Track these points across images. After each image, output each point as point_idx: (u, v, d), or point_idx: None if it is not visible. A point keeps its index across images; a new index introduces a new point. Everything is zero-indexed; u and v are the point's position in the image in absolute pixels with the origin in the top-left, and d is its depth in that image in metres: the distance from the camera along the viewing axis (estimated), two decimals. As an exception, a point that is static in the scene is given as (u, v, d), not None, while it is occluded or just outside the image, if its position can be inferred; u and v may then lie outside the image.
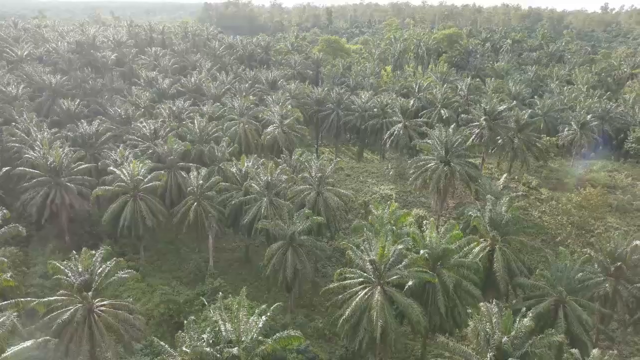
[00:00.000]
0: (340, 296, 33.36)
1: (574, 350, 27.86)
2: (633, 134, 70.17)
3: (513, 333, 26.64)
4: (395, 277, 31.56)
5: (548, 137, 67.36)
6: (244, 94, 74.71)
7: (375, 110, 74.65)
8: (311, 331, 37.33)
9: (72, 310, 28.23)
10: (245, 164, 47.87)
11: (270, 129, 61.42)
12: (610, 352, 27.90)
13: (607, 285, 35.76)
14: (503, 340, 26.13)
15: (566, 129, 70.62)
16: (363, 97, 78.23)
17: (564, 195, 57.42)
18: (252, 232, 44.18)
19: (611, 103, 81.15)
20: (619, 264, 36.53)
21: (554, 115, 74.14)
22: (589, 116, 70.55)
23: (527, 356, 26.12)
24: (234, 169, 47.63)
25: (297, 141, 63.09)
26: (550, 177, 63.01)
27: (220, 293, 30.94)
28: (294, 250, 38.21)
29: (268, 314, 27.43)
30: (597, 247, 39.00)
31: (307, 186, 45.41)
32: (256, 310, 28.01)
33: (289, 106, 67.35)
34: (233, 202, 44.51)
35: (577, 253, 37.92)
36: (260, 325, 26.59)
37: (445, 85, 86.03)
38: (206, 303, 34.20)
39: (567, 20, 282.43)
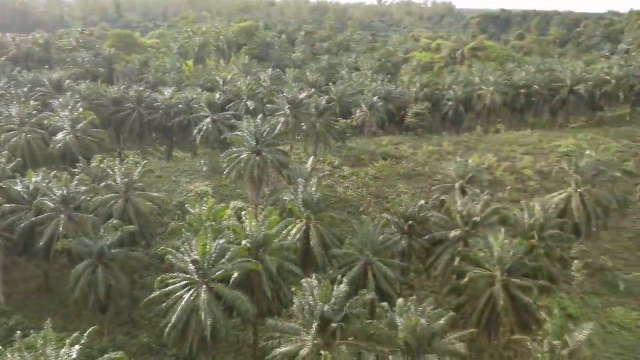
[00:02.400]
0: (163, 304, 32.04)
1: (383, 304, 31.76)
2: (411, 110, 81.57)
3: (332, 300, 29.02)
4: (219, 272, 31.55)
5: (344, 120, 74.14)
6: (22, 99, 65.09)
7: (180, 106, 72.33)
8: (135, 348, 35.13)
9: None
10: (33, 179, 42.04)
11: (60, 136, 54.92)
12: (411, 298, 32.54)
13: (403, 242, 41.33)
14: (325, 309, 28.32)
15: (358, 111, 78.66)
16: (166, 93, 75.03)
17: (362, 170, 64.19)
18: (50, 256, 39.18)
19: (392, 85, 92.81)
20: (410, 222, 42.46)
21: (346, 99, 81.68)
22: (375, 98, 79.54)
23: (347, 318, 28.81)
24: (19, 187, 41.44)
25: (94, 147, 57.66)
26: (349, 155, 69.71)
27: (19, 332, 26.89)
28: (104, 266, 35.21)
29: (82, 341, 24.90)
30: (392, 211, 44.63)
31: (113, 194, 42.05)
32: (67, 341, 25.14)
33: (81, 109, 60.98)
34: (22, 224, 38.83)
35: (377, 219, 42.77)
36: (74, 356, 23.98)
37: (248, 77, 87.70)
38: (0, 348, 29.35)
39: (350, 12, 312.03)
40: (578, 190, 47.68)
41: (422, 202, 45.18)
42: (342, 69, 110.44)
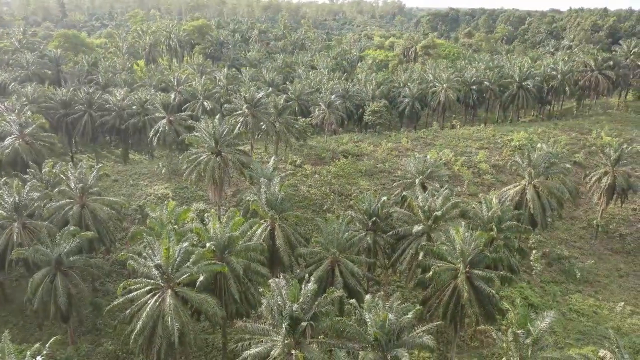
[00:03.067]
0: (128, 311, 31.04)
1: (352, 301, 31.96)
2: (369, 108, 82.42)
3: (301, 299, 28.97)
4: (185, 276, 30.85)
5: (303, 119, 74.13)
6: (-38, 103, 61.33)
7: (134, 107, 70.19)
8: (101, 357, 33.93)
9: None
10: (-19, 187, 39.72)
11: (8, 141, 52.15)
12: (379, 294, 32.93)
13: (368, 238, 41.76)
14: (294, 309, 28.23)
15: (317, 110, 78.80)
16: (118, 95, 72.61)
17: (324, 168, 64.47)
18: (5, 266, 37.21)
19: (349, 83, 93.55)
20: (374, 219, 42.94)
21: (305, 98, 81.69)
22: (332, 96, 79.91)
23: (316, 316, 28.85)
24: (-35, 196, 39.03)
25: (45, 152, 55.10)
26: (311, 154, 69.71)
27: (-26, 347, 25.37)
28: (63, 274, 33.73)
29: (44, 352, 23.80)
30: (356, 208, 45.02)
31: (68, 200, 40.31)
32: (28, 353, 23.96)
33: (29, 112, 58.08)
34: (-28, 235, 36.65)
35: (341, 216, 43.08)
36: (36, 367, 22.96)
37: (203, 77, 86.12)
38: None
39: (303, 11, 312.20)
40: (532, 182, 49.52)
41: (385, 198, 45.62)
42: (299, 68, 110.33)
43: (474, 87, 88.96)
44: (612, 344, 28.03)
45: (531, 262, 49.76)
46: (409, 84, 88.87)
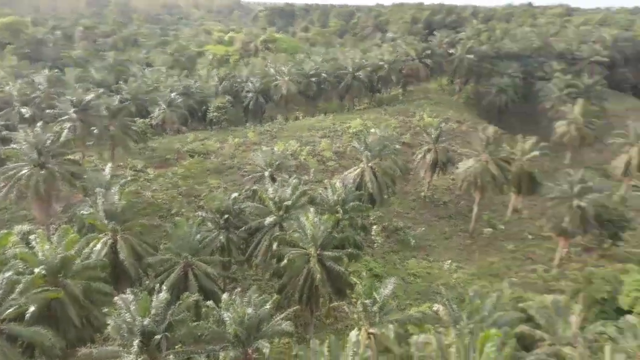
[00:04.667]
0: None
1: (209, 302, 31.31)
2: (213, 104, 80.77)
3: (153, 312, 27.50)
4: (10, 310, 27.08)
5: (142, 120, 69.81)
6: None
7: None
8: None
9: None
10: None
11: None
12: (236, 290, 32.77)
13: (221, 237, 41.16)
14: (145, 323, 26.66)
15: (157, 109, 74.75)
16: None
17: (169, 170, 61.64)
18: None
19: (190, 80, 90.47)
20: (226, 216, 42.44)
21: (142, 97, 76.83)
22: (173, 94, 76.54)
23: (171, 326, 27.63)
24: None
25: None
26: (153, 156, 66.02)
27: None
28: None
29: None
30: (207, 208, 44.11)
31: None
32: None
33: None
34: None
35: (192, 218, 41.69)
36: None
37: (19, 80, 76.01)
38: None
39: (134, 5, 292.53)
40: (369, 164, 53.65)
41: (236, 194, 45.63)
42: (133, 66, 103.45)
43: (313, 79, 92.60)
44: (442, 298, 31.89)
45: (373, 237, 54.27)
46: (251, 78, 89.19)
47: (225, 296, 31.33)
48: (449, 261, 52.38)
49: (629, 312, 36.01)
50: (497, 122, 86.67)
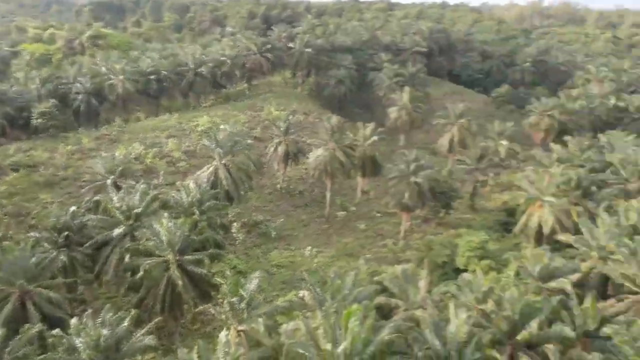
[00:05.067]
0: None
1: (55, 331, 28.06)
2: (35, 110, 71.51)
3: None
4: None
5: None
6: None
7: None
8: None
9: None
10: None
11: None
12: (86, 313, 29.80)
13: (62, 257, 36.99)
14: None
15: (-37, 120, 63.79)
16: None
17: (-11, 188, 53.35)
18: None
19: (4, 84, 79.03)
20: (66, 233, 38.29)
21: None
22: (-18, 102, 66.18)
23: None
24: None
25: None
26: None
27: None
28: None
29: None
30: (41, 227, 39.27)
31: None
32: None
33: None
34: None
35: (23, 241, 36.70)
36: None
37: None
38: None
39: None
40: (222, 162, 52.85)
41: (74, 208, 41.79)
42: None
43: (152, 77, 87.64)
44: (306, 284, 33.03)
45: (234, 234, 53.93)
46: (79, 78, 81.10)
47: (74, 321, 28.47)
48: (310, 247, 54.26)
49: (465, 270, 41.42)
50: (338, 112, 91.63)
